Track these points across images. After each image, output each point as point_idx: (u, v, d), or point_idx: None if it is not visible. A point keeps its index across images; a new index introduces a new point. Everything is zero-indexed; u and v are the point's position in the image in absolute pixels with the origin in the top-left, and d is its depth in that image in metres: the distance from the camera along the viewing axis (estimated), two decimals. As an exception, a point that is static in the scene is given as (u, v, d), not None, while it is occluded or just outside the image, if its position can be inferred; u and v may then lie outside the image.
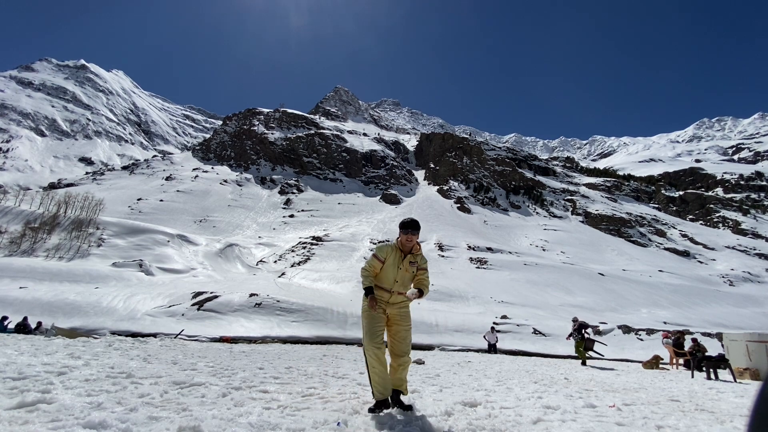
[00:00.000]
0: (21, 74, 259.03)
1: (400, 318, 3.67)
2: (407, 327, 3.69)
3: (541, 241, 79.64)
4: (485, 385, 6.14)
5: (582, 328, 12.97)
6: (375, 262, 3.68)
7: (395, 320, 3.66)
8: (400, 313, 3.68)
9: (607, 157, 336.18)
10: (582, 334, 12.80)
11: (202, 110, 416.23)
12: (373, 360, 3.47)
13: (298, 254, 56.82)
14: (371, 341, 3.48)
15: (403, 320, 3.68)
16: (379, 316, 3.57)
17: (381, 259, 3.66)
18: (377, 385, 3.47)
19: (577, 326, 13.13)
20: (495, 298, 38.02)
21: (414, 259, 3.68)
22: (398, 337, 3.64)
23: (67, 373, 4.36)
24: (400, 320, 3.67)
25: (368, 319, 3.57)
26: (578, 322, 13.34)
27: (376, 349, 3.47)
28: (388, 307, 3.65)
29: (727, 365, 9.68)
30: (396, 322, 3.67)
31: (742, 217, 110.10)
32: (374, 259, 3.69)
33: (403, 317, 3.68)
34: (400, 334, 3.65)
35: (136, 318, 21.77)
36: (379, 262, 3.66)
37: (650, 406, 4.85)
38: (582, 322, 13.37)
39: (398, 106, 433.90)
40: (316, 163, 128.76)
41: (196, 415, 2.98)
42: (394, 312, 3.67)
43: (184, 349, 9.68)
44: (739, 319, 38.36)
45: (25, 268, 31.86)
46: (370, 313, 3.55)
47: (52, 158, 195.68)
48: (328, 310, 25.40)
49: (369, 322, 3.55)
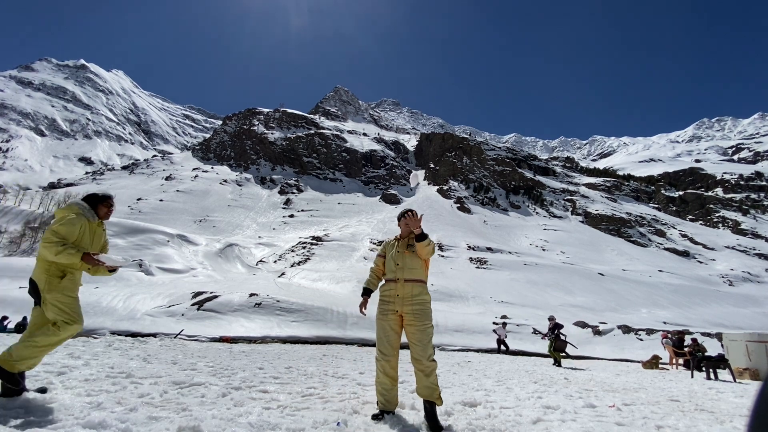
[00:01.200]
0: (21, 74, 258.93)
1: (413, 317, 3.32)
2: (422, 327, 3.29)
3: (541, 241, 79.63)
4: (485, 385, 6.14)
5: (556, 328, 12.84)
6: (377, 259, 3.71)
7: (408, 320, 3.34)
8: (414, 311, 3.33)
9: (607, 157, 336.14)
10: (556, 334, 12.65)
11: (202, 110, 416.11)
12: (378, 371, 3.40)
13: (298, 254, 56.80)
14: (378, 351, 3.41)
15: (417, 319, 3.31)
16: (388, 324, 3.38)
17: (382, 254, 3.68)
18: (379, 395, 3.42)
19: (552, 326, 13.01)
20: (495, 298, 38.01)
21: (411, 241, 3.53)
22: (414, 339, 3.30)
23: (66, 372, 4.36)
24: (414, 319, 3.31)
25: (378, 327, 3.45)
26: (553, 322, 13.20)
27: (382, 360, 3.35)
28: (400, 306, 3.36)
29: (727, 365, 9.68)
30: (409, 323, 3.33)
31: (742, 217, 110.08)
32: (377, 257, 3.72)
33: (417, 315, 3.32)
34: (415, 336, 3.29)
35: (136, 318, 21.74)
36: (380, 258, 3.68)
37: (650, 406, 4.85)
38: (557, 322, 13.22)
39: (398, 106, 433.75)
40: (316, 163, 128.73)
41: (195, 415, 2.98)
42: (407, 310, 3.34)
43: (183, 349, 9.68)
44: (739, 319, 38.35)
45: (25, 268, 31.77)
46: (379, 321, 3.45)
47: (52, 158, 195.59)
48: (327, 310, 25.38)
49: (378, 331, 3.43)
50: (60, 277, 3.08)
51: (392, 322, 3.38)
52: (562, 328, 13.07)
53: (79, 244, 3.12)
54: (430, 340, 3.30)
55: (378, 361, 3.38)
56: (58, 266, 3.09)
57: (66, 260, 2.94)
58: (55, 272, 3.08)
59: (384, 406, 3.37)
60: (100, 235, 3.41)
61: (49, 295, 2.99)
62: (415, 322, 3.31)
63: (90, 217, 3.29)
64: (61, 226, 3.04)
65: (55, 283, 3.03)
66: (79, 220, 3.17)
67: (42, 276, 3.04)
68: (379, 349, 3.39)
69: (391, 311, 3.39)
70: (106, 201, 3.44)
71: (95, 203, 3.39)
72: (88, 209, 3.32)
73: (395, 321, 3.39)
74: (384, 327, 3.39)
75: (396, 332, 3.39)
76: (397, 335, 3.40)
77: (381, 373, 3.36)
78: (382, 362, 3.34)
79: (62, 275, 3.10)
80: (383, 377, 3.35)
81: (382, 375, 3.35)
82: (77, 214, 3.21)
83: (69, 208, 3.26)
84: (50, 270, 3.06)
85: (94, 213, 3.35)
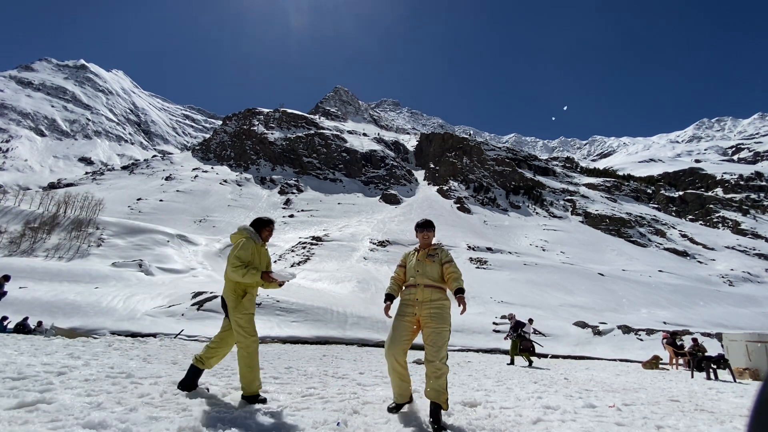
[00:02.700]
0: (21, 74, 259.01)
1: (429, 319, 3.40)
2: (438, 329, 3.36)
3: (541, 241, 79.64)
4: (485, 385, 6.14)
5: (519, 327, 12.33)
6: (398, 269, 3.85)
7: (425, 322, 3.42)
8: (431, 313, 3.41)
9: (606, 157, 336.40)
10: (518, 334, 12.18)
11: (201, 110, 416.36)
12: (389, 367, 3.57)
13: (298, 254, 56.81)
14: (387, 349, 3.52)
15: (432, 321, 3.40)
16: (402, 323, 3.49)
17: (402, 264, 3.83)
18: (394, 388, 3.62)
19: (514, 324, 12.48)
20: (495, 298, 38.02)
21: (433, 252, 3.68)
22: (428, 341, 3.37)
23: (66, 373, 4.35)
24: (429, 321, 3.40)
25: (391, 326, 3.60)
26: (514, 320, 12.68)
27: (391, 357, 3.48)
28: (419, 309, 3.46)
29: (727, 365, 9.68)
30: (425, 324, 3.42)
31: (742, 217, 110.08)
32: (397, 267, 3.87)
33: (433, 317, 3.40)
34: (429, 337, 3.36)
35: (136, 318, 21.75)
36: (401, 267, 3.82)
37: (650, 406, 4.85)
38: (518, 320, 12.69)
39: (398, 106, 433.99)
40: (315, 163, 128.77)
41: (195, 415, 2.98)
42: (425, 313, 3.43)
43: (184, 349, 9.68)
44: (739, 319, 38.36)
45: (25, 268, 31.83)
46: (396, 320, 3.57)
47: (52, 158, 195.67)
48: (327, 310, 25.39)
49: (391, 329, 3.59)
50: (242, 296, 3.66)
51: (408, 322, 3.49)
52: (524, 326, 12.46)
53: (253, 263, 3.64)
54: (445, 343, 3.36)
55: (386, 358, 3.53)
56: (241, 285, 3.69)
57: (250, 280, 3.51)
58: (239, 291, 3.68)
59: (398, 398, 3.60)
60: (264, 255, 3.88)
61: (233, 313, 3.60)
62: (431, 324, 3.39)
63: (256, 240, 3.79)
64: (241, 251, 3.61)
65: (238, 302, 3.62)
66: (249, 243, 3.70)
67: (231, 295, 3.64)
68: (387, 346, 3.52)
69: (409, 314, 3.51)
70: (268, 226, 3.95)
71: (259, 227, 3.89)
72: (254, 233, 3.83)
73: (411, 322, 3.50)
74: (397, 326, 3.51)
75: (409, 332, 3.48)
76: (409, 335, 3.49)
77: (390, 369, 3.54)
78: (391, 359, 3.48)
79: (243, 294, 3.69)
80: (392, 373, 3.54)
81: (392, 371, 3.54)
82: (247, 238, 3.74)
83: (240, 234, 3.82)
84: (236, 290, 3.65)
85: (258, 236, 3.84)
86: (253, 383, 3.55)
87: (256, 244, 3.76)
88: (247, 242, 3.70)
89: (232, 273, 3.52)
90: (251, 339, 3.56)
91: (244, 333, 3.55)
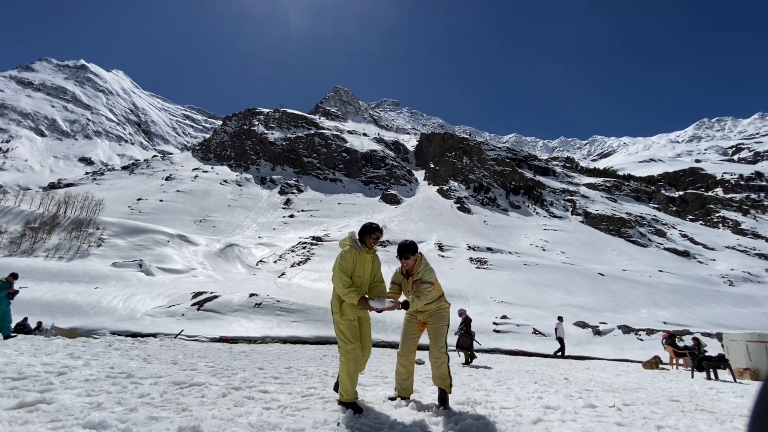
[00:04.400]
0: (21, 74, 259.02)
1: (430, 318, 4.03)
2: (437, 325, 3.97)
3: (541, 241, 79.62)
4: (485, 385, 6.14)
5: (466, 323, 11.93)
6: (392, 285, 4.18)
7: (427, 322, 4.05)
8: (431, 315, 4.04)
9: (607, 157, 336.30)
10: (461, 328, 11.80)
11: (202, 110, 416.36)
12: (398, 363, 4.08)
13: (298, 254, 56.80)
14: (399, 350, 4.09)
15: (433, 319, 4.01)
16: (410, 324, 4.10)
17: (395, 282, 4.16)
18: (396, 383, 4.14)
19: (464, 319, 12.10)
20: (495, 298, 38.01)
21: (417, 278, 3.93)
22: (430, 335, 4.01)
23: (66, 373, 4.36)
24: (431, 319, 4.03)
25: (403, 329, 4.16)
26: (464, 315, 12.26)
27: (400, 356, 4.05)
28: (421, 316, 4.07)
29: (727, 365, 9.67)
30: (428, 322, 4.05)
31: (742, 217, 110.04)
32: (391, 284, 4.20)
33: (432, 317, 4.02)
34: (431, 332, 4.00)
35: (136, 318, 21.74)
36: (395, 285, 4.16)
37: (650, 406, 4.85)
38: (467, 315, 12.26)
39: (398, 106, 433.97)
40: (316, 163, 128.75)
41: (196, 415, 2.98)
42: (425, 316, 4.05)
43: (184, 349, 9.68)
44: (739, 319, 38.33)
45: (25, 268, 31.80)
46: (405, 323, 4.15)
47: (52, 158, 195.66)
48: (328, 310, 25.35)
49: (402, 332, 4.15)
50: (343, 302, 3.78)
51: (415, 323, 4.11)
52: (471, 322, 12.08)
53: (353, 274, 3.75)
54: (444, 336, 3.94)
55: (398, 356, 4.06)
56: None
57: (348, 300, 3.65)
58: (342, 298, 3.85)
59: (400, 392, 4.08)
60: (369, 262, 3.88)
61: (336, 318, 3.77)
62: (431, 321, 4.04)
63: (358, 248, 3.81)
64: (343, 262, 3.72)
65: (340, 307, 3.75)
66: (350, 253, 3.76)
67: (335, 301, 3.81)
68: (400, 346, 4.11)
69: (414, 321, 4.12)
70: (373, 233, 3.88)
71: (363, 234, 3.88)
72: (355, 241, 3.86)
73: (417, 325, 4.10)
74: (407, 327, 4.13)
75: (415, 334, 4.10)
76: (416, 337, 4.10)
77: (400, 365, 4.05)
78: (399, 358, 4.04)
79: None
80: (401, 368, 4.05)
81: (401, 367, 4.05)
82: (350, 246, 3.80)
83: (344, 242, 3.90)
84: (339, 296, 3.78)
85: (361, 244, 3.84)
86: (349, 391, 3.60)
87: (359, 252, 3.79)
88: (349, 251, 3.76)
89: (336, 284, 3.68)
90: (350, 345, 3.65)
91: (344, 338, 3.68)
